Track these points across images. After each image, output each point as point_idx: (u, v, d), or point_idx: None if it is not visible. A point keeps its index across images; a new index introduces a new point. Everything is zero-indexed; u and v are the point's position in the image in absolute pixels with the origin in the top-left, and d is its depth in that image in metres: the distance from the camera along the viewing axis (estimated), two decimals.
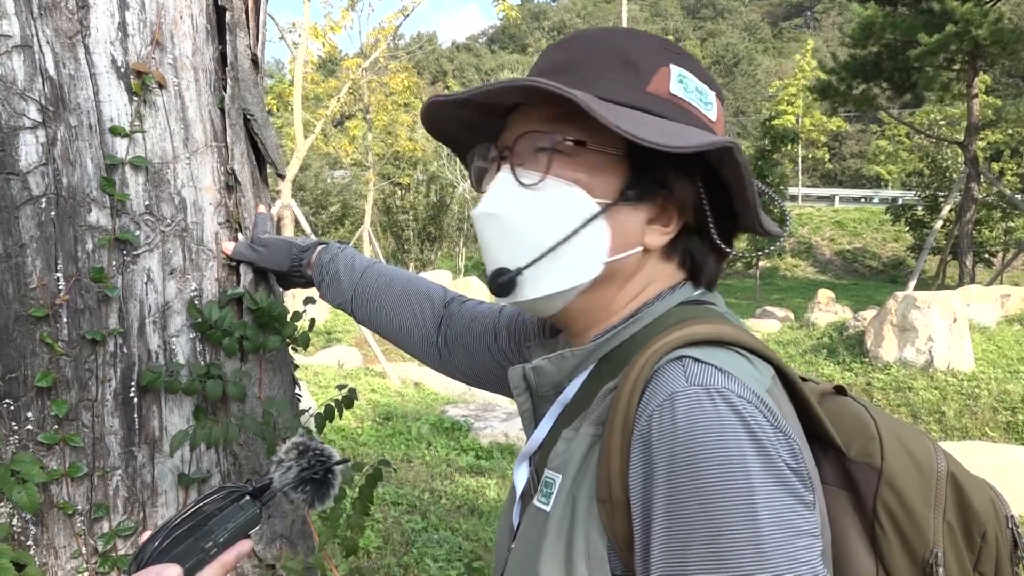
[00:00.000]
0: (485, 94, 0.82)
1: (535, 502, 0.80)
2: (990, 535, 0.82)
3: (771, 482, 0.65)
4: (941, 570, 0.79)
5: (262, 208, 1.45)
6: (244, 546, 0.86)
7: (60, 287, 1.22)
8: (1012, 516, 0.85)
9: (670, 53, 0.84)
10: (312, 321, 1.47)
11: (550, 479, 0.79)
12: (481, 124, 0.90)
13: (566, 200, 0.81)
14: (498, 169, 0.86)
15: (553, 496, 0.77)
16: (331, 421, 1.48)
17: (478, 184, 0.92)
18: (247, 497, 0.86)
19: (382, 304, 1.28)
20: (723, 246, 0.85)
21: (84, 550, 1.25)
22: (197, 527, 0.82)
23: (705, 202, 0.82)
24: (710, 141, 0.76)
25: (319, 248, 1.35)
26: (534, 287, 0.83)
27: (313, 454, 0.92)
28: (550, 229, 0.81)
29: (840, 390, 0.90)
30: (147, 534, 0.84)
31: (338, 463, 0.94)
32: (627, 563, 0.71)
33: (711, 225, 0.83)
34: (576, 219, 0.80)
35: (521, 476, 0.88)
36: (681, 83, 0.83)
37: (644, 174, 0.81)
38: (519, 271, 0.83)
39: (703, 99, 0.84)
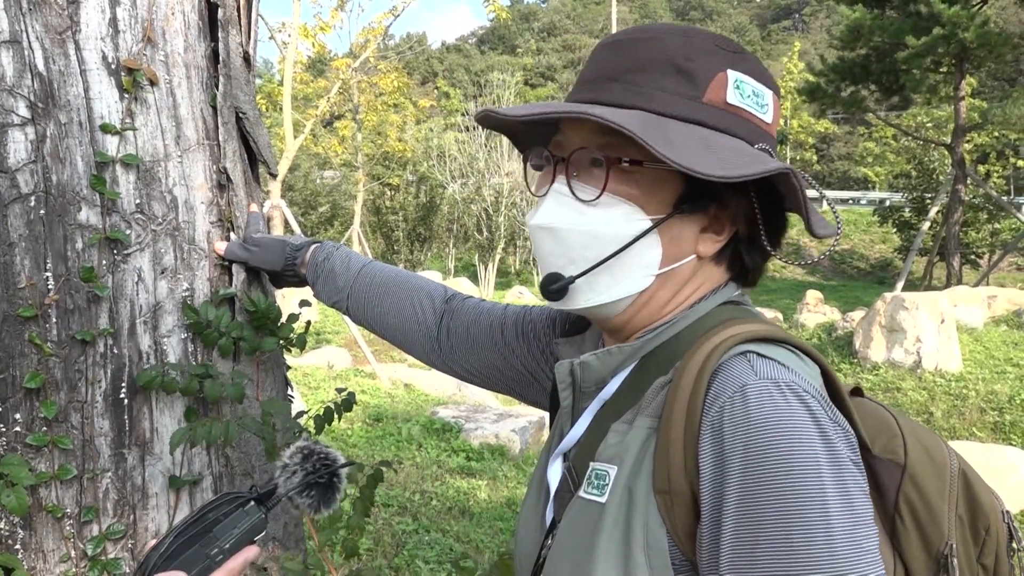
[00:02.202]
0: (541, 116, 0.82)
1: (583, 494, 0.81)
2: (992, 528, 0.86)
3: (839, 474, 0.68)
4: (956, 560, 0.82)
5: (254, 207, 1.44)
6: (251, 552, 0.85)
7: (49, 287, 1.20)
8: (1008, 511, 0.89)
9: (726, 53, 0.83)
10: (308, 323, 1.45)
11: (602, 471, 0.80)
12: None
13: (621, 216, 0.82)
14: (553, 177, 0.87)
15: (608, 488, 0.78)
16: (330, 423, 1.47)
17: (530, 182, 0.93)
18: (252, 503, 0.85)
19: (380, 300, 1.27)
20: (770, 249, 0.87)
21: (73, 554, 1.23)
22: (202, 533, 0.82)
23: (758, 213, 0.84)
24: (766, 168, 0.77)
25: (313, 247, 1.34)
26: (587, 297, 0.86)
27: (318, 458, 0.91)
28: (604, 243, 0.83)
29: (857, 391, 0.93)
30: (153, 542, 0.83)
31: (343, 466, 0.92)
32: (686, 552, 0.73)
33: (762, 234, 0.85)
34: (629, 234, 0.82)
35: (555, 472, 0.90)
36: (737, 89, 0.83)
37: (698, 188, 0.82)
38: (572, 279, 0.85)
39: (759, 102, 0.84)
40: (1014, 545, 0.88)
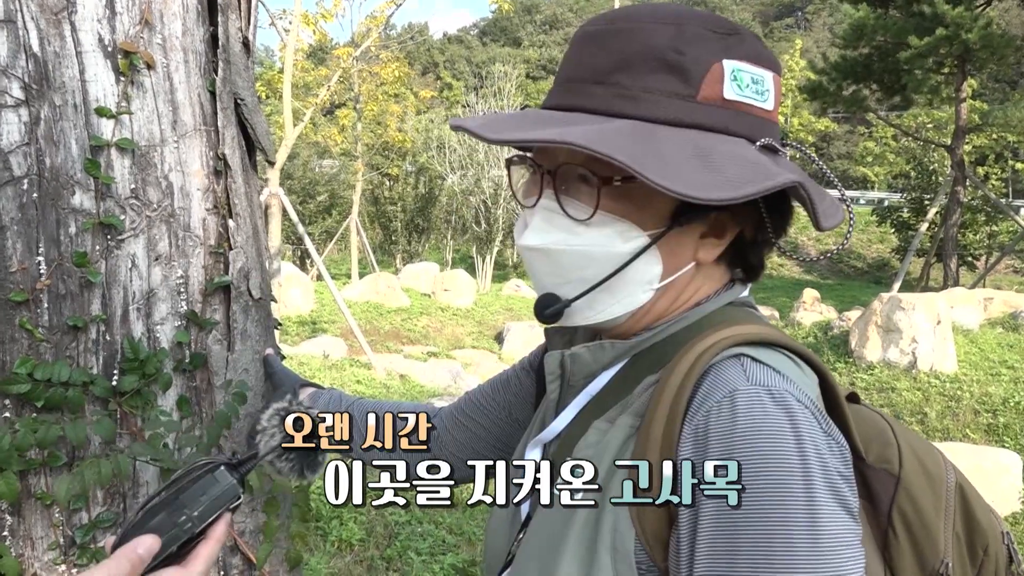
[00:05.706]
0: (516, 142, 0.75)
1: (555, 491, 0.78)
2: (991, 549, 0.83)
3: (825, 491, 0.64)
4: None
5: (269, 350, 1.40)
6: (228, 518, 0.81)
7: (41, 271, 1.18)
8: (1008, 532, 0.86)
9: (720, 37, 0.76)
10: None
11: (579, 469, 0.76)
12: None
13: (616, 235, 0.77)
14: (540, 191, 0.81)
15: None
16: None
17: (515, 187, 0.89)
18: (221, 468, 0.81)
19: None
20: (775, 240, 0.82)
21: (62, 541, 1.22)
22: (170, 501, 0.78)
23: (765, 216, 0.79)
24: (772, 184, 0.71)
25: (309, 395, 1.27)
26: (585, 315, 0.82)
27: (296, 420, 0.85)
28: (600, 263, 0.78)
29: (853, 398, 0.89)
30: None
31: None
32: (653, 556, 0.70)
33: (769, 229, 0.80)
34: (626, 253, 0.78)
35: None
36: (735, 81, 0.75)
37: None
38: (568, 303, 0.81)
39: (758, 90, 0.77)
40: (1014, 568, 0.85)
